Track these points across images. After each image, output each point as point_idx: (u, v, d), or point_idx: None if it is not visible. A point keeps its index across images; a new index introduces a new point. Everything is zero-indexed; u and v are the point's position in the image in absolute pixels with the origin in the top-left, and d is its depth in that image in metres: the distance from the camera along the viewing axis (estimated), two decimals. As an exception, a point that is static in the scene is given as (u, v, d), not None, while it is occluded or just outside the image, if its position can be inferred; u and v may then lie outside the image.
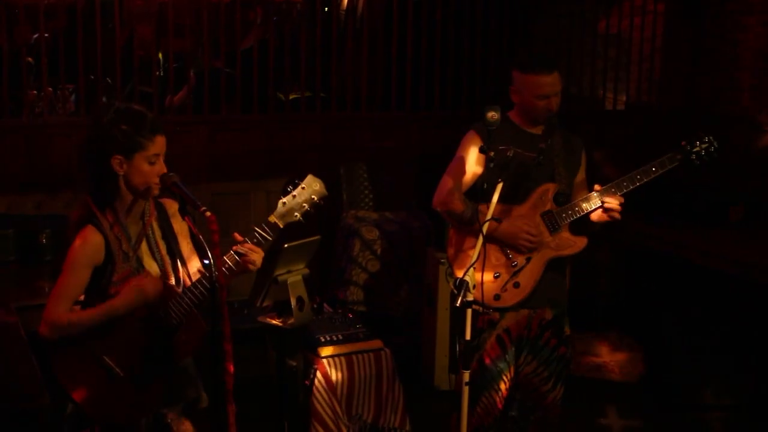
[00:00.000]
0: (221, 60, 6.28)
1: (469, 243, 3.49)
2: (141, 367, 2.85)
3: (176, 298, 2.85)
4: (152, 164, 2.81)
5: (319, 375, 4.26)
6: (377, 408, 4.41)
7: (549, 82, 3.45)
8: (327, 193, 2.99)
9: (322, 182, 2.99)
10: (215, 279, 2.61)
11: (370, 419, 4.40)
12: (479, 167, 3.46)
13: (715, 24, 6.71)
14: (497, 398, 3.60)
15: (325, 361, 4.30)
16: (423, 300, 5.47)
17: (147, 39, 6.17)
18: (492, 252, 3.42)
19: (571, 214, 3.49)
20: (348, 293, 5.82)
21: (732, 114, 6.46)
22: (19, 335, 3.80)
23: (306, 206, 2.94)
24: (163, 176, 2.80)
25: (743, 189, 5.94)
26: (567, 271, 3.75)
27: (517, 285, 3.49)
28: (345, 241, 5.90)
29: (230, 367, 2.59)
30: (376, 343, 4.48)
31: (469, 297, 3.07)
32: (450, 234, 3.66)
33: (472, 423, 3.44)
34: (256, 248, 2.88)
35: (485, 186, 3.25)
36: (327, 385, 4.25)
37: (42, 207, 5.39)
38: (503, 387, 3.60)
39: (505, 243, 3.47)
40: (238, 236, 2.89)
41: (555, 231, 3.50)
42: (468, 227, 3.47)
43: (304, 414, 4.24)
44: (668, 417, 4.95)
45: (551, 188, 3.51)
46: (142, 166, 2.80)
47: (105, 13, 5.82)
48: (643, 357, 5.48)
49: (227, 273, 2.84)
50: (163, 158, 2.84)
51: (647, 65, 7.01)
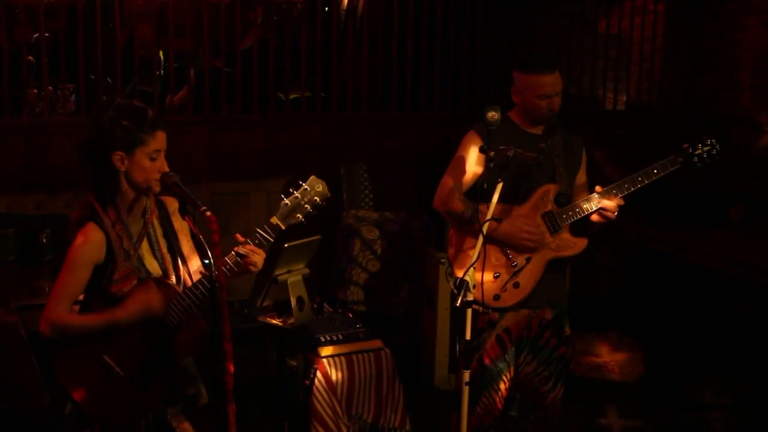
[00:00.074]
0: (221, 60, 6.27)
1: (469, 243, 3.49)
2: (141, 367, 2.85)
3: (176, 298, 2.85)
4: (153, 160, 2.80)
5: (319, 375, 4.26)
6: (377, 408, 4.41)
7: (550, 82, 3.45)
8: (329, 194, 2.98)
9: (325, 183, 2.98)
10: (215, 279, 2.61)
11: (370, 419, 4.40)
12: (479, 167, 3.46)
13: (715, 24, 6.71)
14: (497, 398, 3.60)
15: (325, 361, 4.29)
16: (423, 300, 5.47)
17: (147, 39, 6.16)
18: (492, 252, 3.42)
19: (572, 215, 3.49)
20: (348, 293, 5.82)
21: (732, 114, 6.46)
22: (19, 335, 3.80)
23: (308, 207, 2.93)
24: (164, 176, 2.80)
25: (743, 189, 5.94)
26: (567, 272, 3.75)
27: (517, 285, 3.49)
28: (345, 241, 5.90)
29: (230, 367, 2.59)
30: (376, 343, 4.48)
31: (469, 297, 3.08)
32: (450, 234, 3.66)
33: (472, 423, 3.45)
34: (258, 249, 2.87)
35: (485, 186, 3.26)
36: (327, 385, 4.25)
37: (42, 207, 5.38)
38: (503, 387, 3.60)
39: (506, 243, 3.48)
40: (240, 237, 2.89)
41: (555, 232, 3.50)
42: (468, 227, 3.47)
43: (304, 414, 4.24)
44: (668, 417, 4.95)
45: (552, 189, 3.51)
46: (143, 162, 2.79)
47: (105, 13, 5.81)
48: (643, 357, 5.48)
49: (228, 273, 2.84)
50: (164, 155, 2.84)
51: (647, 65, 7.01)
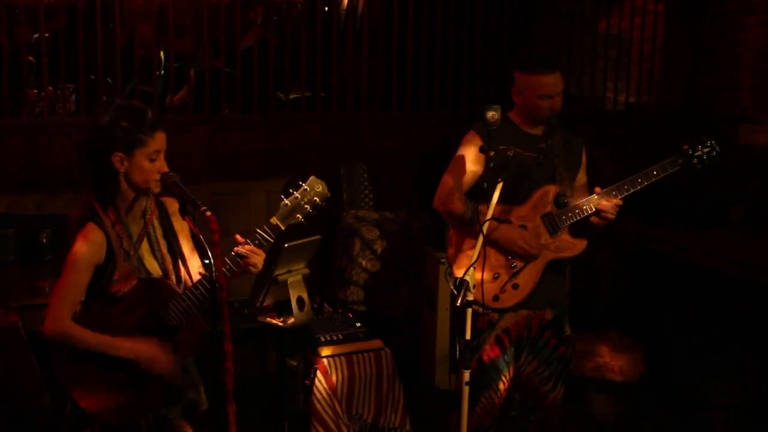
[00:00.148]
0: (221, 60, 6.27)
1: (469, 243, 3.49)
2: (141, 367, 2.85)
3: (177, 299, 2.85)
4: (153, 161, 2.80)
5: (319, 375, 4.26)
6: (377, 408, 4.41)
7: (551, 82, 3.45)
8: (329, 195, 2.98)
9: (324, 183, 2.98)
10: (215, 279, 2.61)
11: (371, 419, 4.40)
12: (479, 167, 3.46)
13: (715, 24, 6.71)
14: (496, 398, 3.60)
15: (325, 361, 4.29)
16: (423, 300, 5.47)
17: (147, 38, 6.16)
18: (491, 253, 3.42)
19: (571, 217, 3.49)
20: (348, 293, 5.82)
21: (732, 114, 6.46)
22: (19, 335, 3.80)
23: (308, 207, 2.92)
24: (164, 176, 2.80)
25: (743, 189, 5.93)
26: (567, 272, 3.75)
27: (516, 286, 3.49)
28: (345, 241, 5.90)
29: (230, 367, 2.59)
30: (376, 343, 4.48)
31: (469, 297, 3.08)
32: (450, 234, 3.66)
33: (472, 423, 3.44)
34: (258, 250, 2.87)
35: (485, 186, 3.26)
36: (327, 385, 4.25)
37: (42, 207, 5.38)
38: (502, 387, 3.60)
39: (502, 246, 3.47)
40: (240, 237, 2.89)
41: (555, 233, 3.50)
42: (468, 227, 3.47)
43: (304, 414, 4.24)
44: (668, 417, 4.95)
45: (551, 190, 3.51)
46: (143, 163, 2.79)
47: (105, 13, 5.81)
48: (643, 357, 5.48)
49: (228, 274, 2.84)
50: (164, 155, 2.84)
51: (647, 65, 7.00)
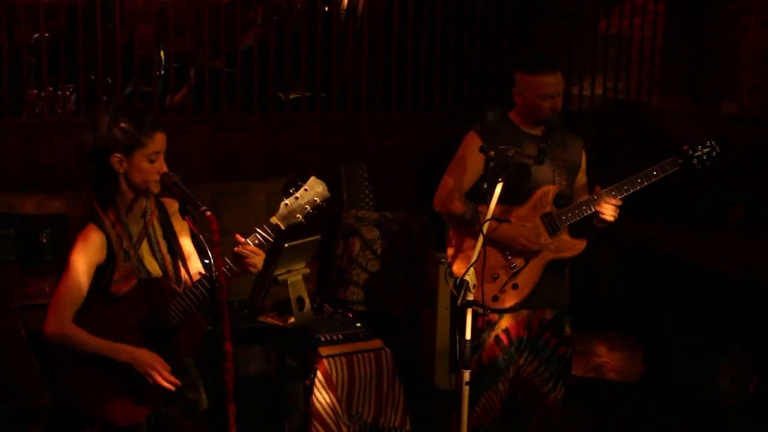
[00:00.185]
0: (221, 60, 6.28)
1: (469, 243, 3.49)
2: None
3: (176, 298, 2.85)
4: (152, 162, 2.80)
5: (319, 375, 4.26)
6: (377, 407, 4.41)
7: (552, 82, 3.45)
8: (329, 195, 2.97)
9: (325, 184, 2.97)
10: (215, 279, 2.61)
11: (371, 419, 4.40)
12: (479, 167, 3.45)
13: (715, 24, 6.71)
14: (496, 398, 3.60)
15: (325, 361, 4.29)
16: (423, 300, 5.47)
17: (147, 38, 6.17)
18: (491, 253, 3.42)
19: (571, 217, 3.49)
20: (348, 293, 5.82)
21: (732, 114, 6.46)
22: (19, 335, 3.80)
23: (308, 208, 2.92)
24: (164, 176, 2.79)
25: (743, 189, 5.93)
26: (567, 272, 3.75)
27: (516, 287, 3.49)
28: (345, 241, 5.90)
29: (230, 367, 2.59)
30: (376, 343, 4.48)
31: (470, 297, 3.08)
32: (450, 234, 3.66)
33: (471, 423, 3.44)
34: (258, 250, 2.86)
35: (485, 186, 3.25)
36: (327, 385, 4.25)
37: (42, 207, 5.38)
38: (502, 387, 3.60)
39: (503, 245, 3.47)
40: (240, 237, 2.89)
41: (554, 233, 3.50)
42: (468, 228, 3.47)
43: (304, 414, 4.24)
44: (668, 417, 4.95)
45: (551, 190, 3.51)
46: (142, 164, 2.79)
47: (105, 13, 5.82)
48: (643, 357, 5.48)
49: (227, 274, 2.84)
50: (164, 156, 2.84)
51: (647, 65, 7.01)
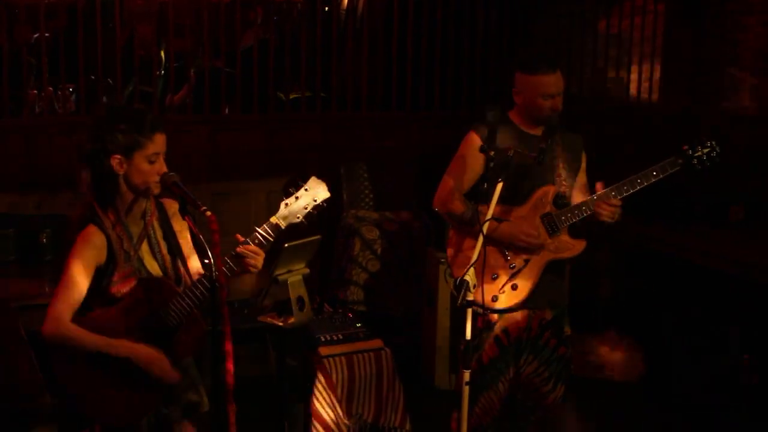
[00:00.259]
0: (221, 60, 6.27)
1: (469, 243, 3.49)
2: (140, 368, 2.85)
3: (176, 298, 2.85)
4: (152, 163, 2.80)
5: (319, 375, 4.26)
6: (377, 407, 4.41)
7: (553, 82, 3.45)
8: (330, 195, 2.97)
9: (325, 184, 2.97)
10: (215, 279, 2.61)
11: (371, 419, 4.40)
12: (479, 167, 3.45)
13: (715, 24, 6.70)
14: (496, 398, 3.61)
15: (325, 361, 4.29)
16: (423, 300, 5.47)
17: (147, 38, 6.17)
18: (490, 254, 3.41)
19: (571, 217, 3.49)
20: (348, 293, 5.82)
21: (732, 114, 6.46)
22: (19, 335, 3.79)
23: (308, 208, 2.92)
24: (164, 176, 2.80)
25: (743, 189, 5.93)
26: (566, 272, 3.75)
27: (515, 287, 3.49)
28: (345, 241, 5.90)
29: (230, 367, 2.59)
30: (376, 343, 4.47)
31: (470, 297, 3.08)
32: (450, 234, 3.66)
33: (471, 423, 3.44)
34: (258, 250, 2.86)
35: (485, 186, 3.25)
36: (327, 385, 4.25)
37: (42, 207, 5.37)
38: (502, 387, 3.60)
39: (504, 243, 3.47)
40: (240, 237, 2.89)
41: (554, 234, 3.50)
42: (468, 228, 3.47)
43: (304, 414, 4.24)
44: (668, 417, 4.95)
45: (551, 190, 3.51)
46: (142, 165, 2.79)
47: (105, 13, 5.82)
48: (643, 357, 5.48)
49: (227, 274, 2.84)
50: (164, 157, 2.84)
51: (647, 65, 7.00)
